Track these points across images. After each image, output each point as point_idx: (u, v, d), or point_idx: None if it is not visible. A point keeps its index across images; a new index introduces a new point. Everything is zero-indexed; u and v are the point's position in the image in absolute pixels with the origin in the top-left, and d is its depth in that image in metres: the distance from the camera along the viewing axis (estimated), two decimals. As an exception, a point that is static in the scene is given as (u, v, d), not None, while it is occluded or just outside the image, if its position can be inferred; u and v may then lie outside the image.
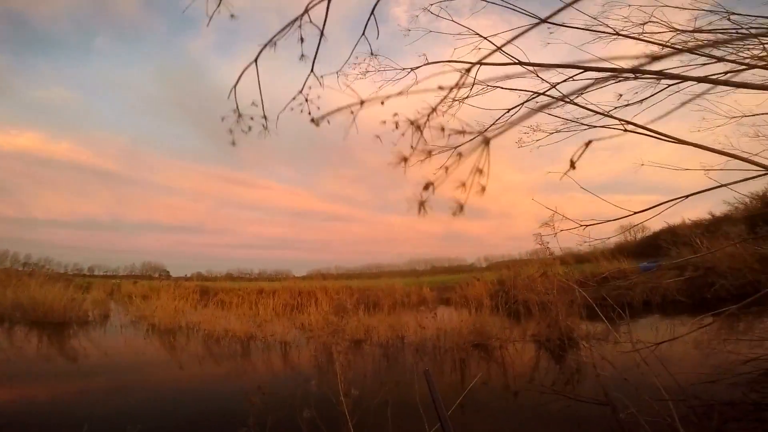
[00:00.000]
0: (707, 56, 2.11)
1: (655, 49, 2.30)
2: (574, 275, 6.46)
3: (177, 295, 12.73)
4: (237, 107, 1.32)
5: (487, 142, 0.69)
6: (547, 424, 3.55)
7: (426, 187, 0.76)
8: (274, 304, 10.97)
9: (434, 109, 0.89)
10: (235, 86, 1.29)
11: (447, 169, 0.78)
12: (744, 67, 2.02)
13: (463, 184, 0.75)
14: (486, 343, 6.64)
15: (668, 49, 2.26)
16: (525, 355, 6.14)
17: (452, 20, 2.67)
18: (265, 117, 1.36)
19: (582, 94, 2.13)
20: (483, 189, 0.75)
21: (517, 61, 1.95)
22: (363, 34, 1.40)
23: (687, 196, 2.13)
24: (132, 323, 10.36)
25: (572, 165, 0.69)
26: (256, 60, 1.25)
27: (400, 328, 7.82)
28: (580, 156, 0.68)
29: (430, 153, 0.77)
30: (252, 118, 1.33)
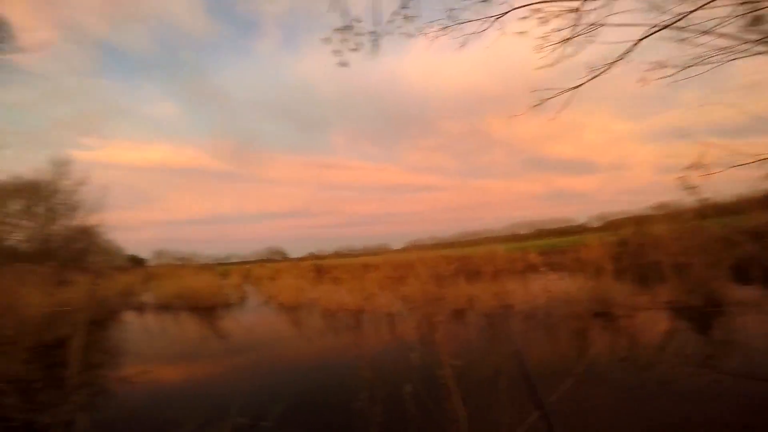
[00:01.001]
0: None
1: None
2: (719, 230, 5.33)
3: (296, 274, 14.28)
4: (346, 17, 1.27)
5: None
6: (691, 400, 3.06)
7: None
8: (378, 277, 11.52)
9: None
10: None
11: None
12: None
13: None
14: (608, 311, 5.98)
15: None
16: (657, 325, 5.36)
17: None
18: (374, 32, 1.29)
19: (720, 25, 1.64)
20: None
21: None
22: None
23: None
24: (264, 303, 11.85)
25: None
26: None
27: (505, 296, 7.53)
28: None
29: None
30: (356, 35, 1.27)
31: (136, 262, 33.54)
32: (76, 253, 19.79)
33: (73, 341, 3.57)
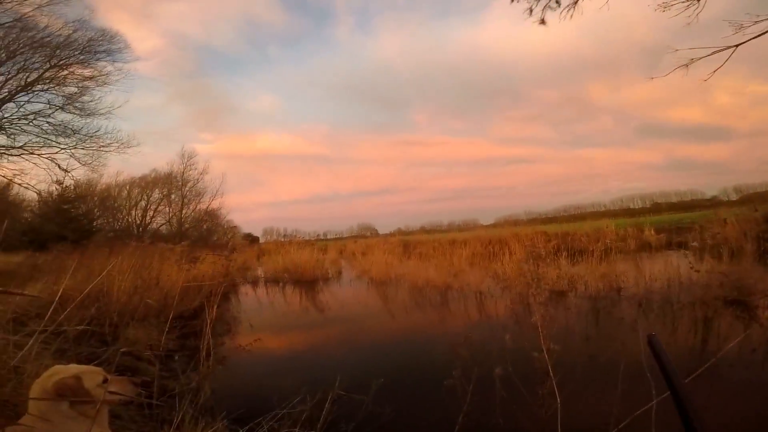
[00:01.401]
0: None
1: None
2: None
3: (385, 249, 14.75)
4: None
5: None
6: None
7: None
8: (466, 253, 11.28)
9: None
10: None
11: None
12: None
13: None
14: (746, 299, 4.96)
15: None
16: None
17: None
18: None
19: None
20: None
21: None
22: None
23: None
24: (357, 277, 12.55)
25: None
26: None
27: (615, 277, 6.74)
28: None
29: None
30: None
31: (251, 239, 38.28)
32: (204, 232, 23.52)
33: (204, 313, 4.21)
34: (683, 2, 2.13)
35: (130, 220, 23.71)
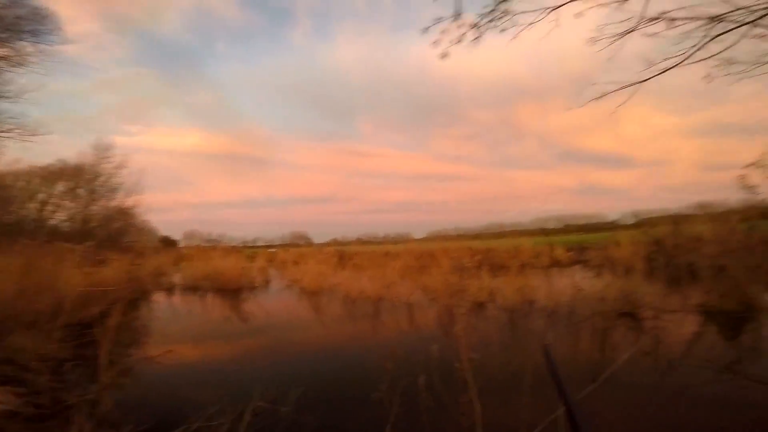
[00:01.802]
0: None
1: None
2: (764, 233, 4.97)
3: (319, 259, 14.51)
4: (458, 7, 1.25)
5: None
6: (712, 408, 2.93)
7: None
8: (399, 266, 11.55)
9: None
10: None
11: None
12: None
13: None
14: (636, 312, 5.75)
15: None
16: (685, 329, 5.11)
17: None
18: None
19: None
20: None
21: None
22: None
23: None
24: (287, 287, 12.14)
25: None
26: None
27: (529, 291, 7.37)
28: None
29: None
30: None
31: (168, 243, 35.05)
32: (113, 233, 20.94)
33: (107, 321, 3.75)
34: (609, 38, 2.48)
35: (24, 213, 20.25)
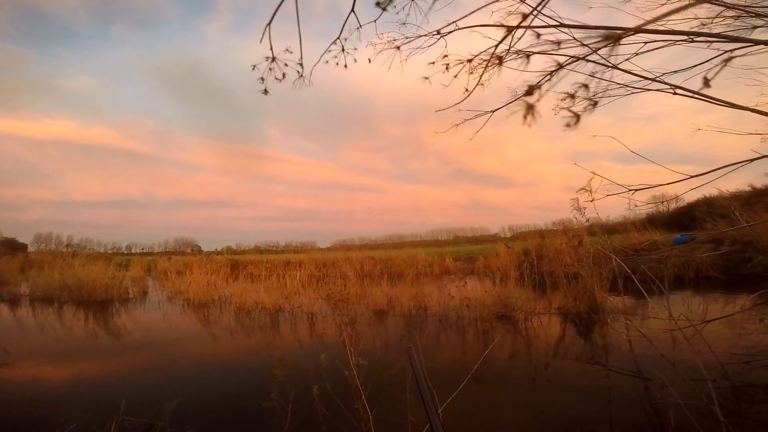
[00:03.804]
0: None
1: (710, 10, 2.00)
2: (606, 245, 6.21)
3: (209, 269, 13.26)
4: (271, 49, 1.20)
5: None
6: (577, 394, 3.51)
7: (529, 91, 0.65)
8: (301, 275, 11.27)
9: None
10: (269, 24, 1.15)
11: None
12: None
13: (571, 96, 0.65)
14: (510, 315, 6.59)
15: (730, 9, 1.96)
16: (551, 328, 6.06)
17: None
18: (301, 64, 1.24)
19: (629, 59, 1.90)
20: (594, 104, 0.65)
21: (558, 23, 1.72)
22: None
23: (752, 160, 1.89)
24: (168, 299, 10.86)
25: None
26: None
27: (423, 298, 7.87)
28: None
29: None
30: (286, 65, 1.21)
31: (13, 246, 28.29)
32: None
33: None
34: (483, 66, 2.74)
35: None
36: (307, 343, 5.84)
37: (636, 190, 2.24)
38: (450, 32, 2.51)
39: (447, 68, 1.90)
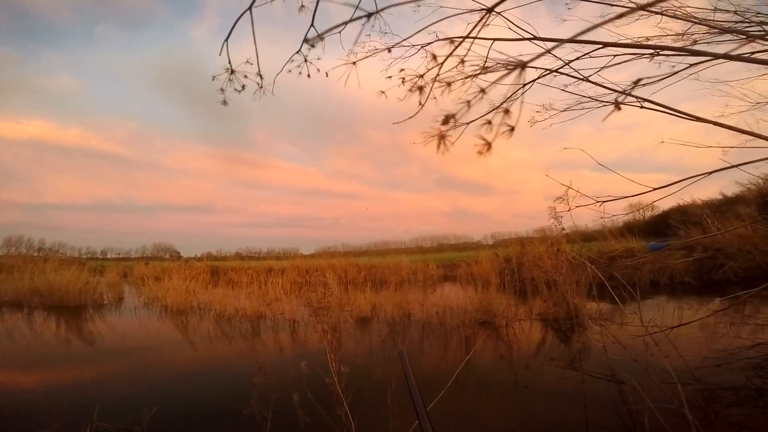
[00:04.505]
0: (733, 32, 1.95)
1: (678, 26, 2.13)
2: (582, 253, 6.39)
3: (188, 275, 12.93)
4: (230, 62, 1.21)
5: (522, 66, 0.60)
6: (555, 399, 3.58)
7: (446, 120, 0.68)
8: (283, 282, 11.12)
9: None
10: (227, 39, 1.17)
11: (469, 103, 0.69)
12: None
13: (489, 122, 0.67)
14: (492, 321, 6.67)
15: (695, 25, 2.08)
16: (531, 334, 6.16)
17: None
18: (260, 75, 1.25)
19: (599, 71, 1.99)
20: (511, 130, 0.67)
21: (532, 37, 1.79)
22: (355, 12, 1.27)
23: (710, 173, 2.01)
24: (145, 305, 10.58)
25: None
26: (250, 7, 1.13)
27: (407, 305, 7.88)
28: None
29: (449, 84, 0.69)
30: (246, 76, 1.22)
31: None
32: None
33: None
34: (464, 77, 2.80)
35: None
36: (288, 351, 5.76)
37: (603, 201, 2.34)
38: (394, 46, 2.57)
39: (403, 81, 1.94)
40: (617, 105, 2.04)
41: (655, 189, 2.15)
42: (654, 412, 2.50)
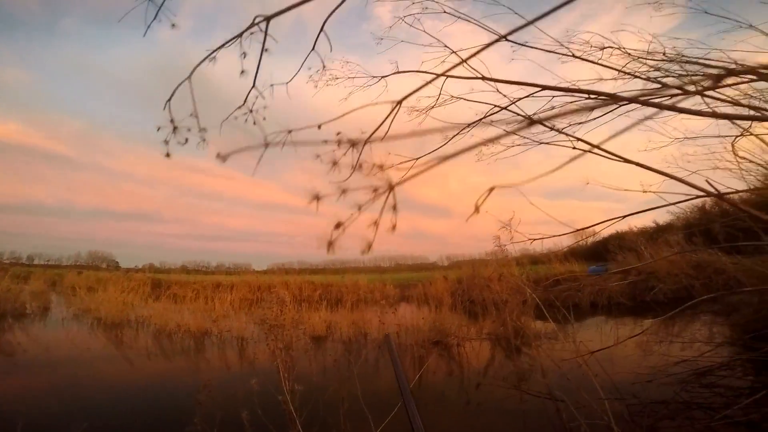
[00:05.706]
0: (656, 82, 2.29)
1: (610, 73, 2.47)
2: (527, 276, 6.77)
3: (126, 287, 12.02)
4: (172, 121, 1.26)
5: (391, 189, 0.72)
6: (502, 416, 3.72)
7: (337, 226, 0.77)
8: (232, 298, 10.65)
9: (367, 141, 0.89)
10: (169, 100, 1.23)
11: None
12: (686, 94, 2.20)
13: (375, 223, 0.77)
14: (445, 340, 6.81)
15: (622, 75, 2.42)
16: (481, 353, 6.37)
17: (424, 31, 2.69)
18: (204, 129, 1.30)
19: (540, 111, 2.23)
20: (394, 227, 0.78)
21: (480, 76, 1.99)
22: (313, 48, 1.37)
23: (624, 217, 2.35)
24: (75, 316, 9.68)
25: (477, 209, 0.76)
26: (189, 77, 1.21)
27: (362, 324, 7.85)
28: (483, 201, 0.75)
29: (344, 192, 0.77)
30: (189, 129, 1.27)
31: None
32: None
33: None
34: (419, 110, 2.98)
35: None
36: (236, 369, 5.52)
37: (534, 239, 2.63)
38: (389, 75, 2.75)
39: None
40: (574, 144, 2.32)
41: (577, 230, 2.46)
42: (586, 428, 2.69)
